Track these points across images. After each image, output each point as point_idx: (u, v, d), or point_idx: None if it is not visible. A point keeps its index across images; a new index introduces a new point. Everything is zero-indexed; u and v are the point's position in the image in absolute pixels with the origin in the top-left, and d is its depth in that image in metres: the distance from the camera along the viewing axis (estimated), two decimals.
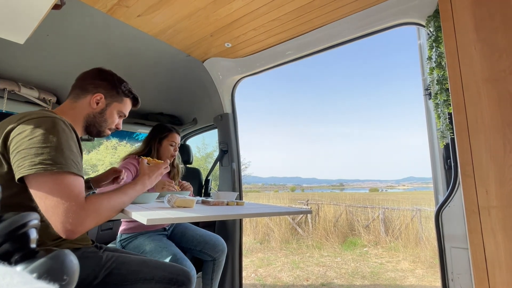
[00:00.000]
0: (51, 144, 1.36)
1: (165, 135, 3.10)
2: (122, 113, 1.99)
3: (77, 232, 1.32)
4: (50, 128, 1.40)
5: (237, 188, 3.61)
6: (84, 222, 1.34)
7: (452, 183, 2.14)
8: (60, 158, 1.35)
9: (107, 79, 1.87)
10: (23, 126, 1.39)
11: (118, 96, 1.92)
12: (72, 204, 1.31)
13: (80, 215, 1.32)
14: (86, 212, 1.35)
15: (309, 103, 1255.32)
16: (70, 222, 1.29)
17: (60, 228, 1.29)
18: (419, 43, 2.54)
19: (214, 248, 2.86)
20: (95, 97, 1.81)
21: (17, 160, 1.32)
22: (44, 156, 1.32)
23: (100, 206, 1.44)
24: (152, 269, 1.82)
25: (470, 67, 1.80)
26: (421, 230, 10.49)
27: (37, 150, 1.32)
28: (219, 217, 1.73)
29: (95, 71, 1.87)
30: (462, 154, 1.79)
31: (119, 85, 1.91)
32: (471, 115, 1.77)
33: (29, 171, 1.28)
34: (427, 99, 2.41)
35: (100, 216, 1.43)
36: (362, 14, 2.56)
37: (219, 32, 2.84)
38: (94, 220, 1.39)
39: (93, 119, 1.84)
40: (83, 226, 1.34)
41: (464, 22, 1.85)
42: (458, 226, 2.09)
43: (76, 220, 1.31)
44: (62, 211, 1.29)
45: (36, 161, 1.30)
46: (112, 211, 1.51)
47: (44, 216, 1.30)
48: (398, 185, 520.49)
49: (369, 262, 8.61)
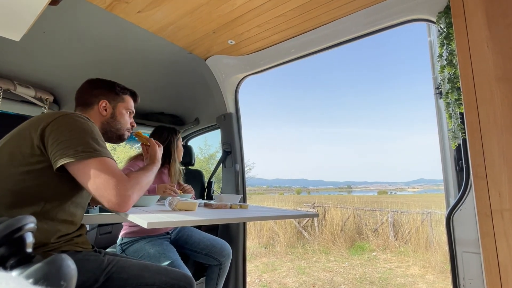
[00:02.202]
0: (88, 135, 1.60)
1: (178, 136, 3.27)
2: (129, 110, 2.21)
3: (128, 203, 1.54)
4: (83, 123, 1.65)
5: (241, 190, 3.60)
6: (132, 193, 1.57)
7: (464, 185, 2.12)
8: (98, 147, 1.59)
9: (101, 86, 2.09)
10: (60, 121, 1.60)
11: (118, 96, 2.13)
12: (119, 179, 1.54)
13: (127, 187, 1.55)
14: (132, 186, 1.59)
15: (316, 103, 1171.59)
16: (120, 194, 1.51)
17: (114, 200, 1.50)
18: (430, 40, 2.53)
19: (221, 252, 2.88)
20: (101, 105, 2.03)
21: (59, 150, 1.51)
22: (85, 145, 1.54)
23: (140, 180, 1.70)
24: (154, 274, 1.83)
25: (482, 65, 1.79)
26: (431, 234, 10.47)
27: (78, 141, 1.54)
28: (222, 220, 1.73)
29: (86, 85, 2.09)
30: (474, 155, 1.79)
31: (114, 86, 2.13)
32: (484, 115, 1.76)
33: (75, 157, 1.49)
34: (438, 98, 2.40)
35: (141, 189, 1.70)
36: (370, 10, 2.54)
37: (222, 29, 2.83)
38: (138, 192, 1.64)
39: (108, 125, 2.07)
40: (132, 197, 1.57)
41: (476, 18, 1.85)
42: (470, 230, 2.08)
43: (125, 191, 1.53)
44: (113, 185, 1.50)
45: (80, 149, 1.51)
46: (147, 185, 1.79)
47: (96, 194, 1.51)
48: (408, 187, 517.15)
49: (377, 267, 8.60)
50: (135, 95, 2.29)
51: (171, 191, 2.67)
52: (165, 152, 3.04)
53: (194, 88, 3.85)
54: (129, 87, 2.25)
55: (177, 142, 3.20)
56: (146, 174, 1.80)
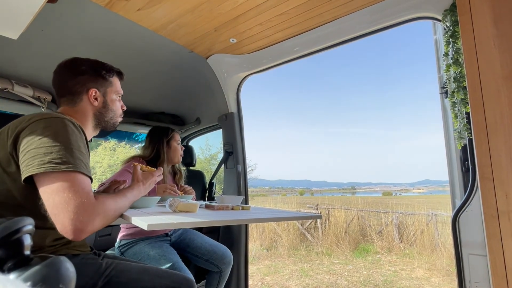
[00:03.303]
0: (60, 144, 1.40)
1: (171, 136, 3.16)
2: (119, 94, 2.03)
3: (86, 232, 1.34)
4: (60, 129, 1.46)
5: (243, 191, 3.60)
6: (94, 221, 1.36)
7: (470, 187, 2.11)
8: (70, 158, 1.39)
9: (86, 71, 1.85)
10: (33, 126, 1.44)
11: (106, 81, 1.93)
12: (84, 201, 1.34)
13: (92, 213, 1.35)
14: (97, 211, 1.38)
15: (319, 102, 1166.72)
16: (80, 220, 1.31)
17: (69, 226, 1.30)
18: (435, 39, 2.53)
19: (222, 259, 2.87)
20: (91, 94, 1.84)
21: (26, 160, 1.36)
22: (53, 155, 1.36)
23: (109, 206, 1.48)
24: (154, 277, 1.81)
25: (489, 64, 1.79)
26: (437, 236, 10.46)
27: (46, 150, 1.36)
28: (224, 222, 1.72)
29: (67, 71, 1.85)
30: (480, 155, 1.78)
31: (100, 70, 1.90)
32: (490, 115, 1.76)
33: (38, 169, 1.32)
34: (444, 97, 2.39)
35: (108, 217, 1.46)
36: (374, 8, 2.54)
37: (223, 27, 2.83)
38: (102, 221, 1.42)
39: (101, 115, 1.91)
40: (93, 225, 1.36)
41: (483, 16, 1.85)
42: (476, 232, 2.07)
43: (87, 217, 1.33)
44: (73, 207, 1.30)
45: (46, 160, 1.34)
46: (117, 213, 1.55)
47: (51, 214, 1.32)
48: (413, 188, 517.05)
49: (382, 269, 8.60)
50: (121, 74, 2.08)
51: (171, 190, 2.66)
52: (156, 153, 3.04)
53: (195, 87, 3.85)
54: (113, 66, 2.02)
55: (170, 142, 3.13)
56: (117, 200, 1.59)
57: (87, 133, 1.81)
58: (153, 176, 1.97)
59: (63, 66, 1.85)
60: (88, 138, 1.85)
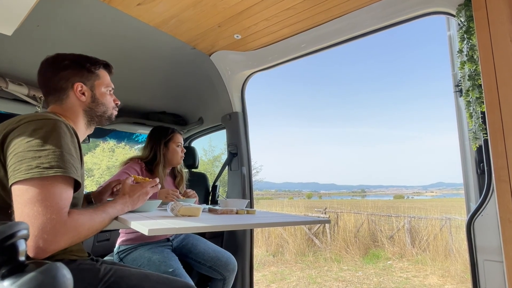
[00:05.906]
0: (50, 147, 1.37)
1: (170, 137, 3.11)
2: (109, 87, 1.97)
3: (48, 252, 1.29)
4: (50, 131, 1.42)
5: (248, 195, 3.59)
6: (60, 240, 1.31)
7: (486, 189, 2.10)
8: (60, 162, 1.36)
9: (68, 66, 1.80)
10: (23, 128, 1.41)
11: (92, 74, 1.88)
12: (53, 217, 1.29)
13: (59, 232, 1.30)
14: (65, 230, 1.33)
15: (327, 101, 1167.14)
16: (44, 238, 1.26)
17: (30, 243, 1.24)
18: (449, 35, 2.52)
19: (226, 266, 2.86)
20: (77, 89, 1.79)
21: (13, 164, 1.33)
22: (42, 159, 1.33)
23: (82, 224, 1.43)
24: (154, 284, 1.80)
25: (505, 61, 1.78)
26: (451, 241, 10.42)
27: (35, 153, 1.33)
28: (228, 227, 1.73)
29: (48, 67, 1.81)
30: (496, 157, 1.78)
31: (84, 62, 1.85)
32: (507, 114, 1.75)
33: (25, 175, 1.29)
34: (458, 96, 2.39)
35: (79, 235, 1.41)
36: (385, 3, 2.53)
37: (227, 22, 2.83)
38: (70, 240, 1.36)
39: (92, 111, 1.87)
40: (57, 245, 1.31)
41: (499, 11, 1.84)
42: (492, 237, 2.06)
43: (52, 236, 1.28)
44: (40, 222, 1.26)
45: (33, 165, 1.31)
46: (91, 231, 1.50)
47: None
48: (426, 191, 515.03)
49: (393, 276, 8.58)
50: (108, 66, 2.01)
51: (173, 196, 2.65)
52: (153, 154, 3.03)
53: (198, 85, 3.85)
54: (99, 58, 1.95)
55: (168, 144, 3.08)
56: (94, 216, 1.52)
57: (80, 132, 1.79)
58: (142, 187, 1.90)
59: (45, 63, 1.82)
60: (82, 137, 1.83)
